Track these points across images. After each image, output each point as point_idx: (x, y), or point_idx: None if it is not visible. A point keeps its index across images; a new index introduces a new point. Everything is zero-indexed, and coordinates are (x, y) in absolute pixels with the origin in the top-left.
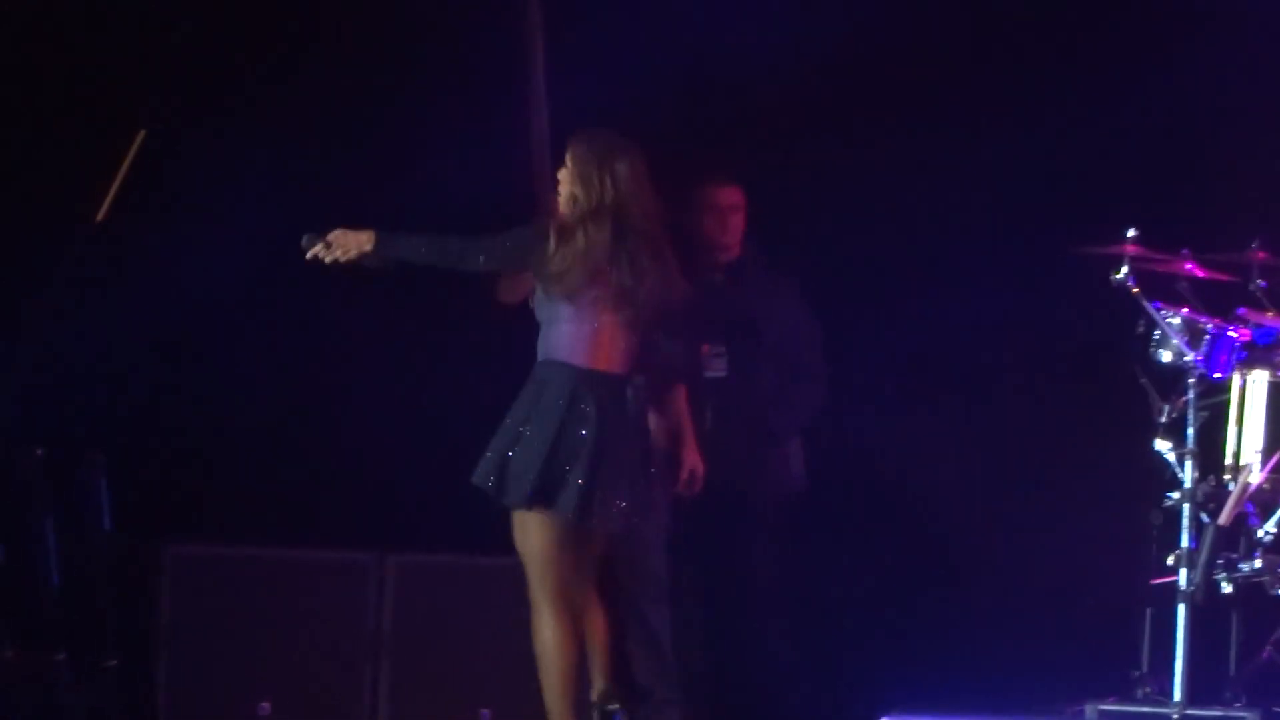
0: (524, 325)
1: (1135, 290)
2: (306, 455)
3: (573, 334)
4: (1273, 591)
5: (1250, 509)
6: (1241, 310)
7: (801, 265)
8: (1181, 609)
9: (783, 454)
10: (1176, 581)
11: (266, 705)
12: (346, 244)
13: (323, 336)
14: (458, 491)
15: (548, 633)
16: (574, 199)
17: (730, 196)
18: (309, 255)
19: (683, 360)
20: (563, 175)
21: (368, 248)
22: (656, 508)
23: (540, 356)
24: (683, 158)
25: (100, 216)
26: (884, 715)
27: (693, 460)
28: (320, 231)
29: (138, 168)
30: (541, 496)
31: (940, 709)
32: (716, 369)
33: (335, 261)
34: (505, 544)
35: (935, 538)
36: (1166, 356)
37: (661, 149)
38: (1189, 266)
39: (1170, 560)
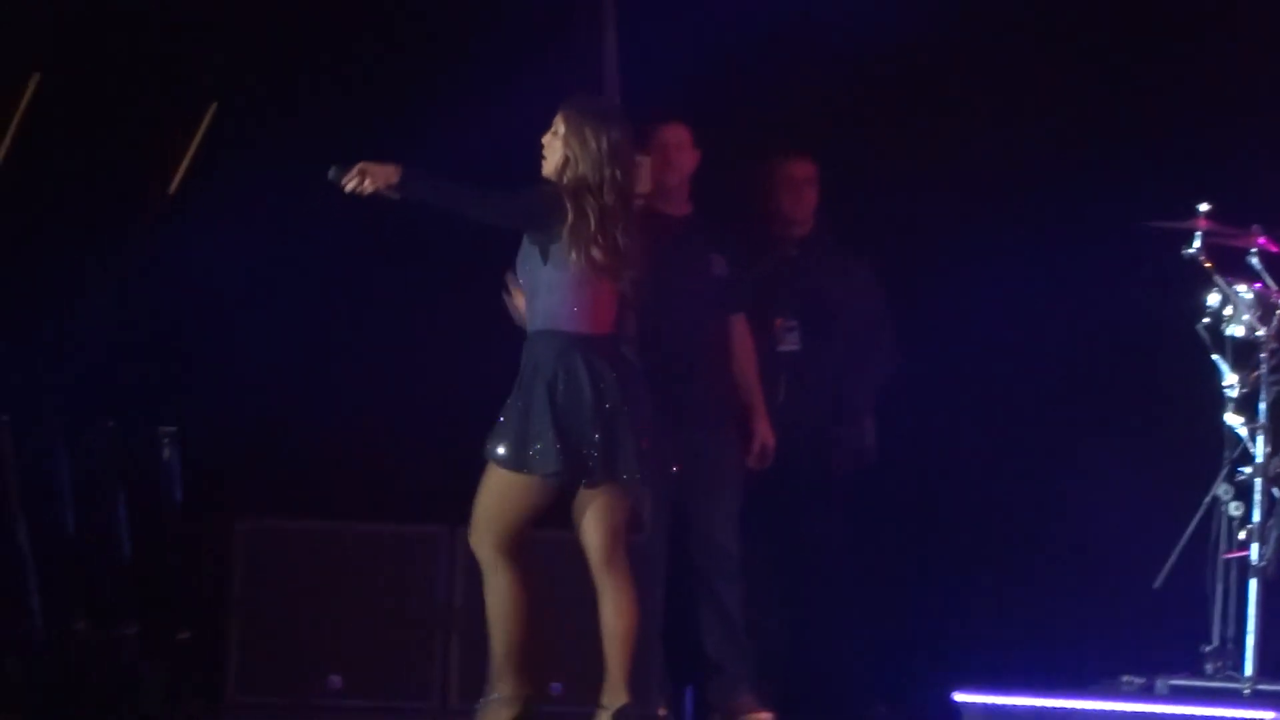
0: None
1: (1207, 265)
2: (378, 428)
3: (571, 301)
4: None
5: None
6: None
7: (873, 240)
8: (1253, 584)
9: (855, 428)
10: (1248, 556)
11: (337, 678)
12: (374, 174)
13: (396, 308)
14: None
15: None
16: (567, 162)
17: (804, 170)
18: (343, 186)
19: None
20: (550, 140)
21: (394, 180)
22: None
23: (538, 326)
24: (757, 131)
25: (171, 190)
26: (956, 690)
27: (764, 433)
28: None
29: (209, 141)
30: (563, 466)
31: (1012, 684)
32: (789, 343)
33: (359, 191)
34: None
35: (1008, 512)
36: (1238, 331)
37: (736, 122)
38: (1261, 241)
39: (1241, 535)
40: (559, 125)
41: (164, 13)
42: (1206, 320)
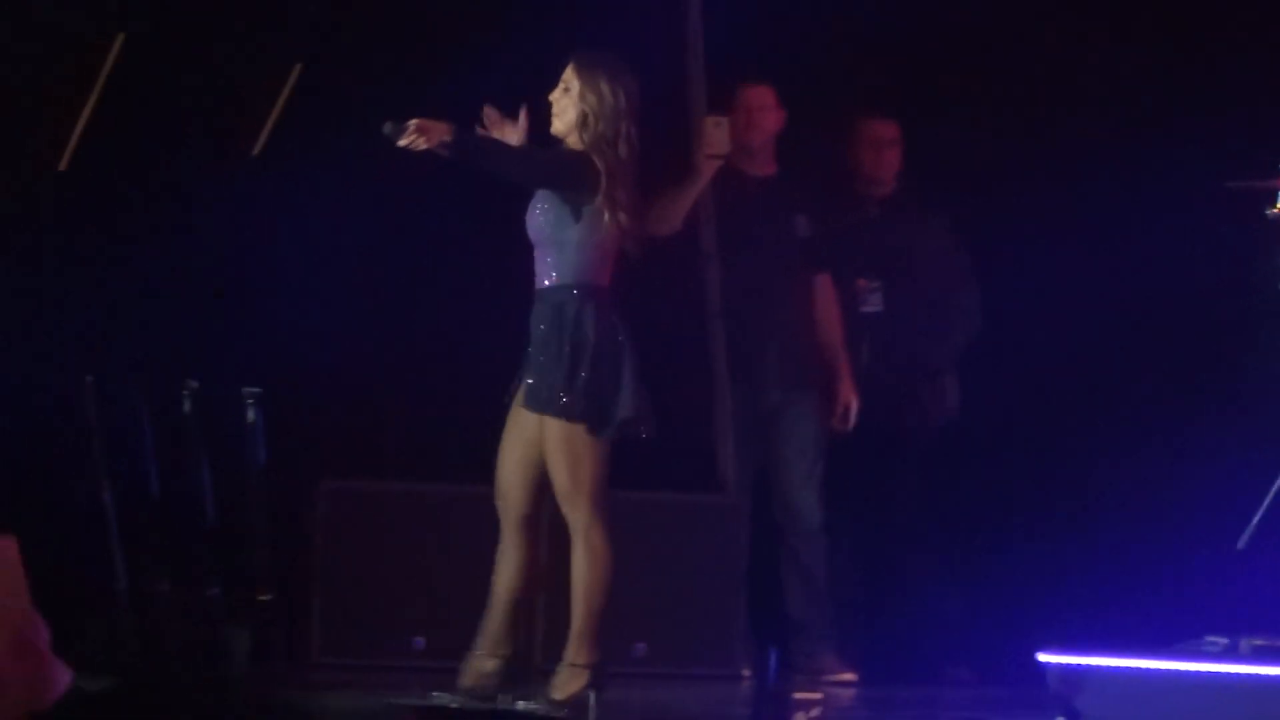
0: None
1: None
2: (462, 389)
3: (596, 254)
4: None
5: None
6: None
7: (955, 200)
8: None
9: (938, 388)
10: None
11: (420, 640)
12: (429, 132)
13: (484, 267)
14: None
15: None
16: (585, 119)
17: (887, 131)
18: (399, 141)
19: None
20: (561, 97)
21: (446, 138)
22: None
23: (560, 280)
24: (839, 91)
25: (256, 150)
26: (1039, 651)
27: (846, 395)
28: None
29: (293, 101)
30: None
31: (1095, 645)
32: (872, 304)
33: (413, 147)
34: (663, 479)
35: (1090, 472)
36: None
37: (819, 82)
38: None
39: None
40: (571, 80)
41: None
42: None
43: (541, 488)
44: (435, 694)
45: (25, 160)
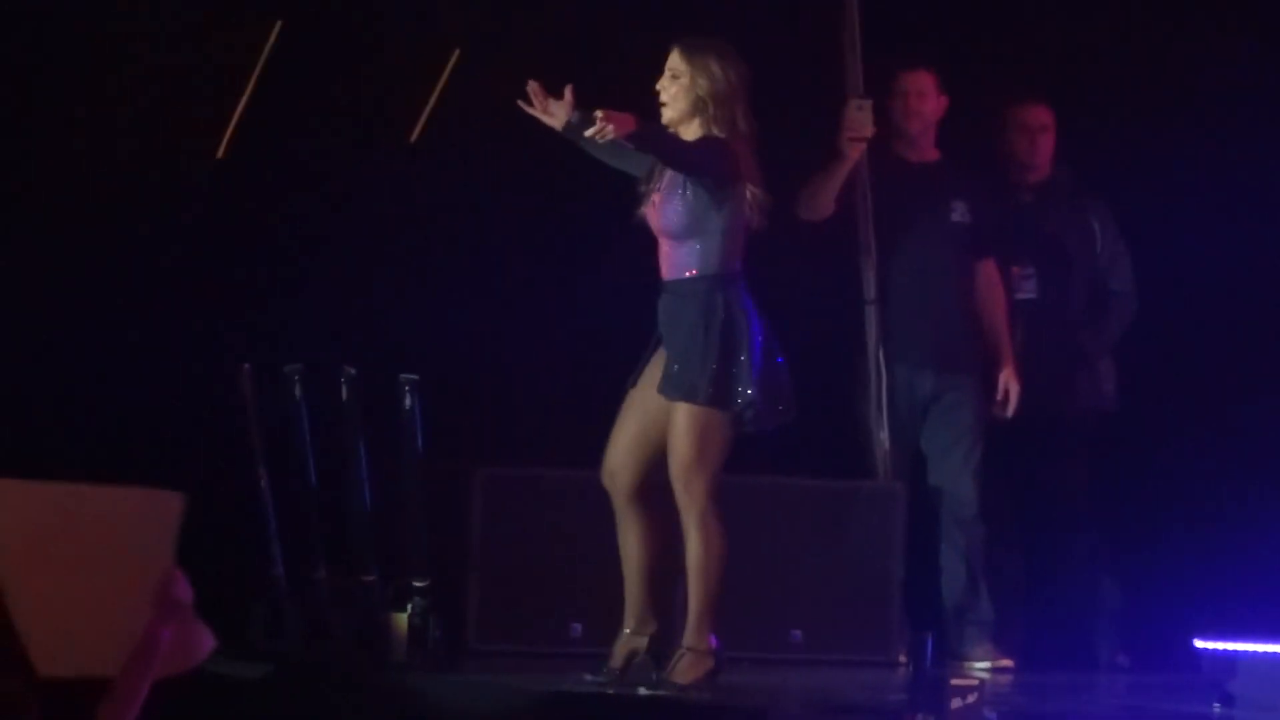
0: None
1: None
2: (618, 375)
3: (736, 242)
4: None
5: None
6: None
7: (1111, 185)
8: None
9: (1094, 374)
10: None
11: (578, 626)
12: (617, 121)
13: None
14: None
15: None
16: (699, 104)
17: (1040, 116)
18: (586, 132)
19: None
20: (669, 84)
21: (631, 128)
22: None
23: (704, 270)
24: (994, 76)
25: (413, 138)
26: (1198, 638)
27: (1007, 380)
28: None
29: (451, 88)
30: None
31: (1253, 632)
32: (1026, 290)
33: (600, 136)
34: (810, 465)
35: (1250, 459)
36: None
37: (972, 67)
38: None
39: None
40: (679, 67)
41: None
42: None
43: (652, 466)
44: (588, 677)
45: (183, 148)
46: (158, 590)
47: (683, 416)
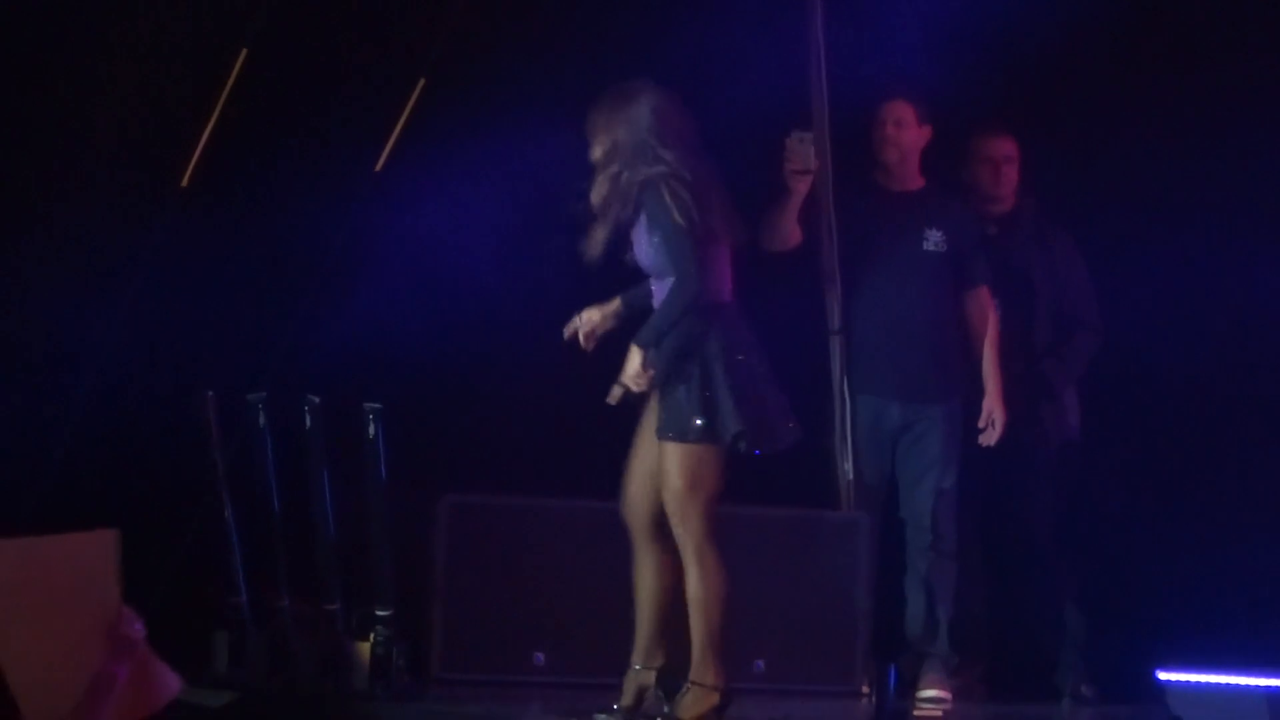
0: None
1: None
2: (584, 404)
3: (708, 273)
4: None
5: None
6: None
7: (1075, 216)
8: None
9: (1058, 405)
10: None
11: (540, 656)
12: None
13: (605, 287)
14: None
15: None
16: (614, 150)
17: (1003, 148)
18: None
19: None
20: (598, 160)
21: (638, 360)
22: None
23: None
24: (957, 108)
25: (379, 166)
26: (1160, 669)
27: (989, 408)
28: None
29: (417, 116)
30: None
31: (1217, 664)
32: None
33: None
34: (780, 495)
35: (1214, 491)
36: None
37: (936, 99)
38: None
39: None
40: (592, 140)
41: None
42: None
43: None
44: (600, 716)
45: (147, 176)
46: (108, 629)
47: (672, 452)
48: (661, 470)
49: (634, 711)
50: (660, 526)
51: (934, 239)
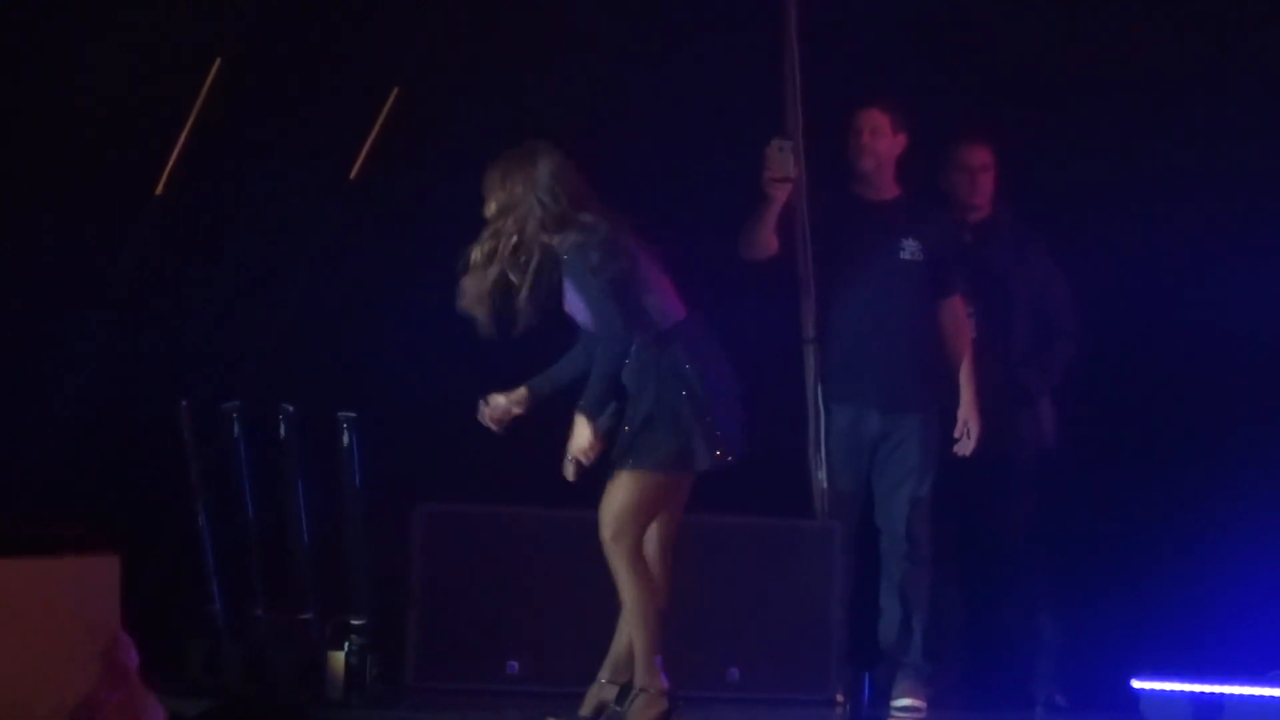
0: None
1: None
2: (559, 413)
3: (641, 309)
4: None
5: None
6: None
7: (1052, 224)
8: None
9: (1034, 412)
10: None
11: (515, 664)
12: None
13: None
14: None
15: None
16: (515, 208)
17: (980, 156)
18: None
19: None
20: (495, 231)
21: (589, 430)
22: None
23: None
24: (934, 116)
25: (353, 175)
26: (1135, 678)
27: (964, 416)
28: None
29: (391, 126)
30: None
31: (1190, 672)
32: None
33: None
34: (754, 504)
35: (1189, 498)
36: None
37: (912, 106)
38: None
39: None
40: (489, 193)
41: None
42: None
43: (650, 519)
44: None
45: (121, 185)
46: (103, 655)
47: (628, 479)
48: (611, 489)
49: None
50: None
51: (910, 248)
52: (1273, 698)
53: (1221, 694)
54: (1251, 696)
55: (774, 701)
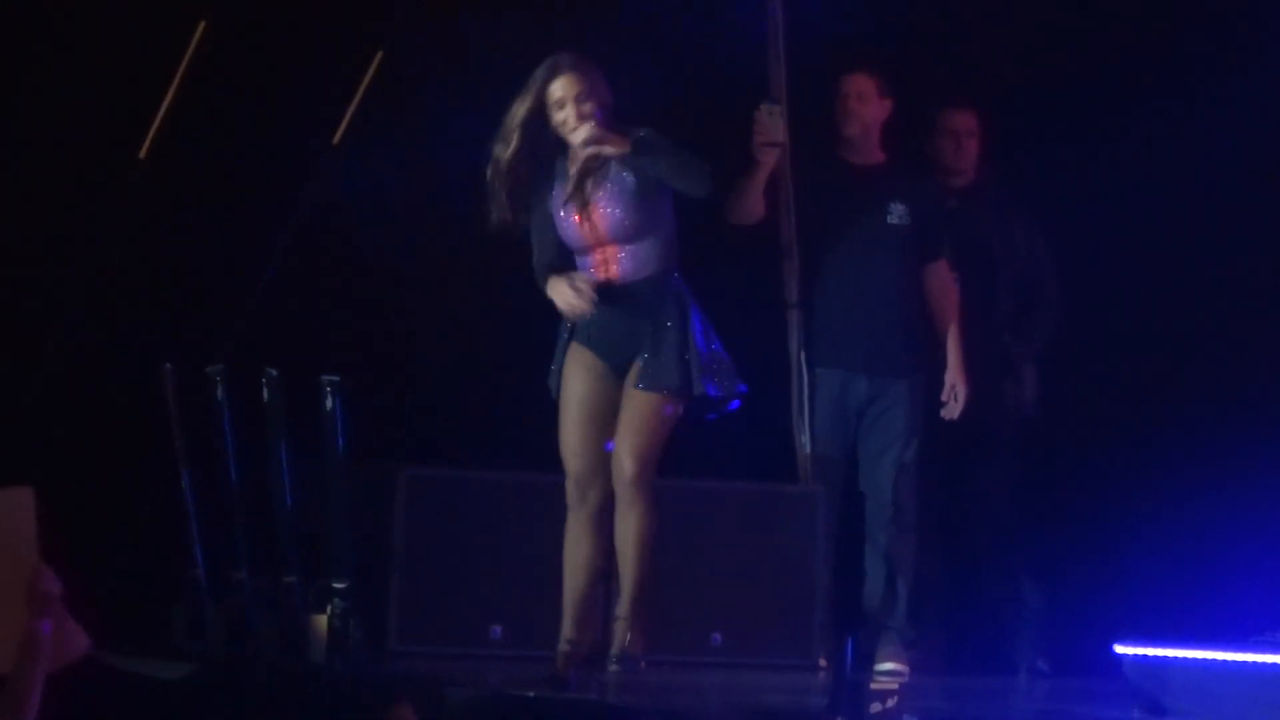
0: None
1: None
2: (542, 378)
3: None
4: None
5: None
6: None
7: (1037, 191)
8: None
9: (1017, 379)
10: None
11: (498, 629)
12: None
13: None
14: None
15: None
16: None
17: (965, 121)
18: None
19: None
20: (568, 112)
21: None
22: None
23: (662, 266)
24: (919, 80)
25: (336, 139)
26: (1117, 643)
27: (951, 379)
28: None
29: (374, 90)
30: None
31: (1174, 637)
32: None
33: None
34: (738, 469)
35: (1173, 464)
36: None
37: (897, 71)
38: None
39: None
40: (569, 88)
41: None
42: None
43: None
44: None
45: (105, 148)
46: (29, 586)
47: (651, 406)
48: (633, 423)
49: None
50: (609, 500)
51: (898, 213)
52: (1256, 662)
53: (1205, 659)
54: (1234, 661)
55: (757, 666)
